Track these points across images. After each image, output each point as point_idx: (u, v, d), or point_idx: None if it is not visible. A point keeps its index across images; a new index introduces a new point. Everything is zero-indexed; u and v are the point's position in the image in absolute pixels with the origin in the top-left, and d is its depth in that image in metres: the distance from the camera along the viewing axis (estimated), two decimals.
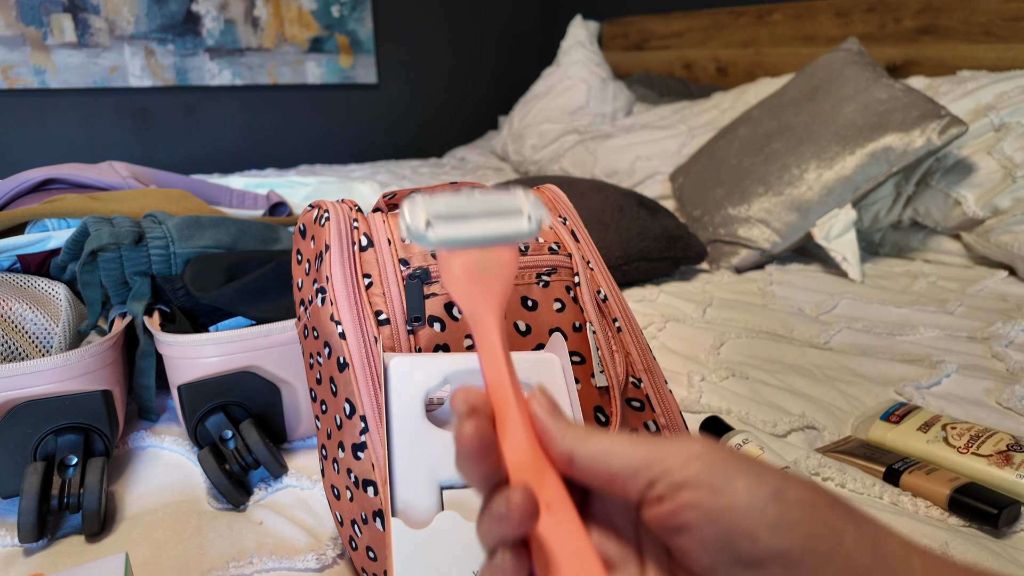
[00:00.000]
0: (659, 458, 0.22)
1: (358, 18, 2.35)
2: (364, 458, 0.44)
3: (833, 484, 0.58)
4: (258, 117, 2.29)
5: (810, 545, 0.20)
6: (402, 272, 0.48)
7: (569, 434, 0.24)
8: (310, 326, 0.51)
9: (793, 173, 1.16)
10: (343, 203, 0.52)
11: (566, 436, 0.24)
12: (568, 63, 2.04)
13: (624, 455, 0.22)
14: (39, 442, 0.54)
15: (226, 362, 0.61)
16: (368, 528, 0.44)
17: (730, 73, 1.90)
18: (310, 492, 0.58)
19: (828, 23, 1.64)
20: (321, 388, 0.50)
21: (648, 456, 0.22)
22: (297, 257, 0.55)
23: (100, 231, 0.65)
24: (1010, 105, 1.15)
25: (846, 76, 1.21)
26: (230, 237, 0.72)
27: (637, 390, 0.52)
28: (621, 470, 0.22)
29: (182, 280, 0.66)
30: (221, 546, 0.51)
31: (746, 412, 0.69)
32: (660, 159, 1.56)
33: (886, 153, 1.10)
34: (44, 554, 0.50)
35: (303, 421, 0.65)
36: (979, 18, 1.36)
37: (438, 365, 0.40)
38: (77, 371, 0.56)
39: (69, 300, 0.66)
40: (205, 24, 2.11)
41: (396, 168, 2.11)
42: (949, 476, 0.55)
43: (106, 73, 2.01)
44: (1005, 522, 0.52)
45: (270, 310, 0.65)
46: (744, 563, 0.20)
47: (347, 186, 1.32)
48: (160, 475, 0.60)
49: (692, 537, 0.21)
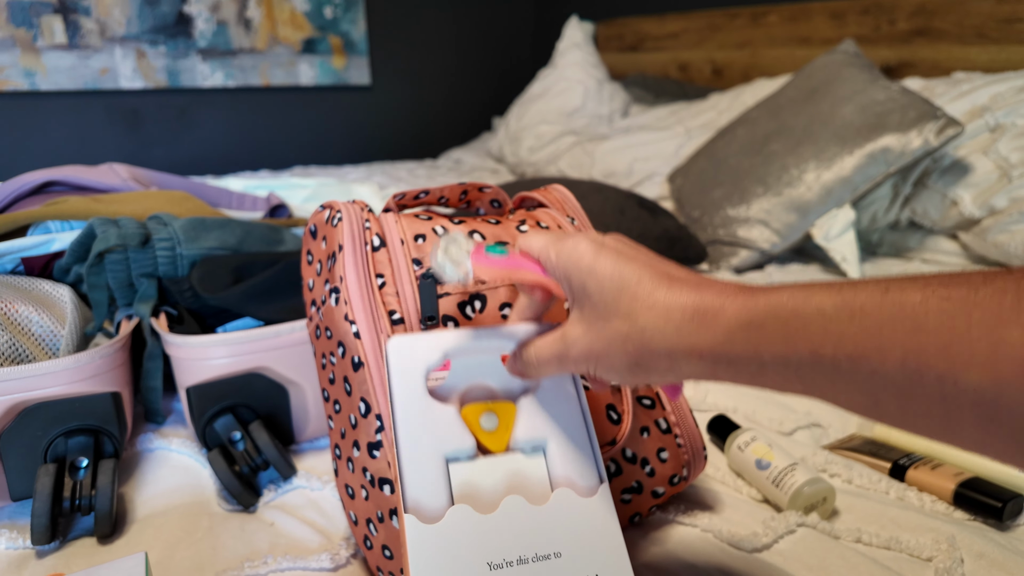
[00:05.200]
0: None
1: (351, 19, 2.35)
2: (380, 456, 0.44)
3: (840, 480, 0.59)
4: (251, 119, 2.28)
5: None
6: (415, 272, 0.48)
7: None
8: (323, 326, 0.51)
9: (792, 174, 1.17)
10: (354, 203, 0.52)
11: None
12: (564, 64, 2.05)
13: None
14: (49, 444, 0.53)
15: (234, 363, 0.61)
16: (384, 526, 0.44)
17: (725, 74, 1.91)
18: (320, 493, 0.58)
19: (823, 25, 1.66)
20: (334, 388, 0.50)
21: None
22: (307, 258, 0.55)
23: (107, 233, 0.64)
24: (1005, 106, 1.16)
25: (844, 77, 1.22)
26: (235, 239, 0.72)
27: (647, 388, 0.53)
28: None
29: (189, 281, 0.66)
30: (234, 547, 0.51)
31: (752, 410, 0.70)
32: (658, 160, 1.57)
33: (884, 154, 1.11)
34: (57, 556, 0.50)
35: (311, 422, 0.65)
36: (972, 20, 1.38)
37: (437, 341, 0.40)
38: (87, 373, 0.55)
39: (74, 302, 0.66)
40: (197, 26, 2.10)
41: (392, 170, 2.10)
42: (954, 471, 0.56)
43: (97, 75, 1.99)
44: (1009, 515, 0.52)
45: (278, 311, 0.65)
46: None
47: (346, 188, 1.32)
48: (169, 477, 0.60)
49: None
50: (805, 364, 0.26)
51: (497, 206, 0.59)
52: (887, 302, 0.24)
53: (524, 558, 0.35)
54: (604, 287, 0.32)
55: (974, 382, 0.22)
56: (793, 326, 0.26)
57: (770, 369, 0.27)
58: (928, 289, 0.23)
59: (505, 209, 0.59)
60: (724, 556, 0.49)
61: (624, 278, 0.32)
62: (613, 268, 0.32)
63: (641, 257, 0.33)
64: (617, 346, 0.32)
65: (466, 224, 0.52)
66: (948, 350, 0.22)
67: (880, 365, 0.24)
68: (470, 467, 0.38)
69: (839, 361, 0.25)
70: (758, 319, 0.27)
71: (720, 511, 0.55)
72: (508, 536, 0.35)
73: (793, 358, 0.26)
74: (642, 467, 0.50)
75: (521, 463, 0.39)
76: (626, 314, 0.31)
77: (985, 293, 0.22)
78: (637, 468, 0.50)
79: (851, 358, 0.24)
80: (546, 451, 0.39)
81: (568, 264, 0.34)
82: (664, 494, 0.52)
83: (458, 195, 0.57)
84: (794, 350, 0.26)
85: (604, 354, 0.32)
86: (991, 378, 0.21)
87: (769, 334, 0.27)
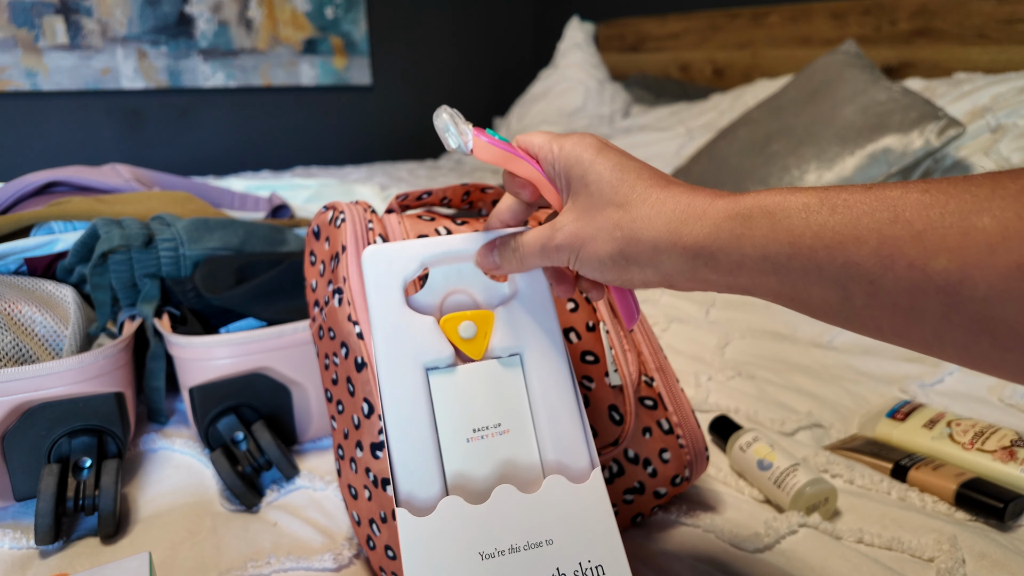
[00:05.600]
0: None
1: (352, 19, 2.35)
2: (383, 456, 0.44)
3: (842, 480, 0.59)
4: (252, 119, 2.29)
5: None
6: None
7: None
8: (326, 327, 0.51)
9: (793, 174, 1.17)
10: (357, 204, 0.52)
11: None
12: (565, 65, 2.05)
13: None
14: (53, 444, 0.54)
15: (237, 364, 0.61)
16: (387, 527, 0.44)
17: (726, 75, 1.91)
18: (323, 493, 0.58)
19: (824, 25, 1.66)
20: (337, 388, 0.50)
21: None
22: (311, 258, 0.55)
23: (111, 233, 0.64)
24: (1006, 107, 1.16)
25: (845, 78, 1.22)
26: (238, 239, 0.72)
27: (650, 388, 0.53)
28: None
29: (192, 282, 0.66)
30: (237, 547, 0.51)
31: (754, 411, 0.70)
32: (659, 160, 1.57)
33: (885, 154, 1.11)
34: (60, 556, 0.50)
35: (314, 422, 0.66)
36: (973, 20, 1.38)
37: (414, 250, 0.40)
38: (91, 373, 0.55)
39: (78, 303, 0.66)
40: (198, 26, 2.11)
41: (392, 170, 2.11)
42: (955, 471, 0.56)
43: (98, 75, 2.00)
44: (1011, 515, 0.53)
45: (281, 311, 0.65)
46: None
47: (347, 188, 1.32)
48: (172, 477, 0.60)
49: None
50: (783, 255, 0.27)
51: None
52: (868, 196, 0.25)
53: (516, 547, 0.35)
54: (603, 178, 0.33)
55: (942, 267, 0.22)
56: (777, 217, 0.27)
57: (748, 263, 0.28)
58: (909, 185, 0.25)
59: None
60: (726, 556, 0.49)
61: (625, 172, 0.33)
62: (616, 162, 0.33)
63: (643, 163, 0.34)
64: (605, 233, 0.33)
65: (468, 225, 0.52)
66: (920, 237, 0.23)
67: (855, 253, 0.25)
68: (450, 379, 0.38)
69: (816, 251, 0.26)
70: (744, 211, 0.28)
71: (722, 511, 0.55)
72: (499, 526, 0.35)
73: (772, 249, 0.27)
74: (644, 467, 0.51)
75: (497, 370, 0.39)
76: (620, 204, 0.32)
77: (963, 187, 0.23)
78: (639, 468, 0.50)
79: (828, 247, 0.25)
80: (523, 358, 0.40)
81: (571, 155, 0.35)
82: (666, 494, 0.52)
83: (461, 196, 0.57)
84: (775, 240, 0.27)
85: (590, 240, 0.33)
86: (958, 264, 0.22)
87: (753, 225, 0.28)
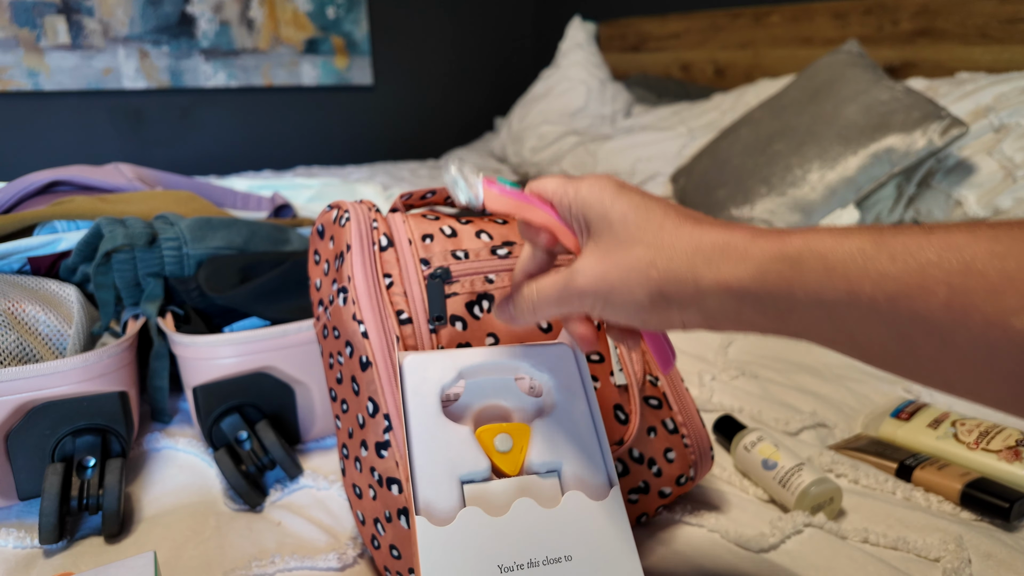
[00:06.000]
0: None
1: (354, 19, 2.35)
2: (388, 456, 0.44)
3: (847, 480, 0.59)
4: (253, 119, 2.29)
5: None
6: (423, 272, 0.48)
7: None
8: (330, 326, 0.51)
9: (796, 174, 1.17)
10: (361, 203, 0.52)
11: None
12: (567, 65, 2.05)
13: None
14: (57, 443, 0.54)
15: (241, 363, 0.61)
16: (392, 526, 0.44)
17: (728, 75, 1.91)
18: (327, 492, 0.58)
19: (825, 25, 1.65)
20: (342, 387, 0.50)
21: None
22: (315, 257, 0.55)
23: (114, 232, 0.64)
24: (1009, 106, 1.16)
25: (847, 78, 1.22)
26: (241, 238, 0.72)
27: (655, 388, 0.53)
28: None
29: (196, 281, 0.66)
30: (241, 546, 0.51)
31: (758, 410, 0.70)
32: (661, 160, 1.57)
33: (888, 154, 1.11)
34: (64, 555, 0.50)
35: (317, 422, 0.65)
36: (975, 20, 1.38)
37: (452, 360, 0.40)
38: (95, 372, 0.55)
39: (81, 302, 0.66)
40: (200, 26, 2.11)
41: (394, 170, 2.11)
42: (960, 471, 0.56)
43: (100, 75, 2.00)
44: (1016, 515, 0.52)
45: (285, 310, 0.65)
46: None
47: (350, 188, 1.32)
48: (176, 476, 0.60)
49: None
50: (840, 303, 0.25)
51: None
52: (932, 242, 0.23)
53: (535, 561, 0.35)
54: (628, 217, 0.31)
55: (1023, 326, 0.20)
56: (830, 262, 0.25)
57: (800, 309, 0.26)
58: (976, 231, 0.22)
59: None
60: (731, 556, 0.49)
61: (650, 211, 0.31)
62: (639, 201, 0.31)
63: (666, 200, 0.32)
64: (638, 274, 0.30)
65: (473, 224, 0.52)
66: (997, 293, 0.21)
67: (922, 306, 0.23)
68: (484, 486, 0.38)
69: (877, 301, 0.24)
70: (792, 253, 0.26)
71: (727, 511, 0.55)
72: (519, 539, 0.35)
73: (828, 296, 0.25)
74: (649, 467, 0.51)
75: (536, 485, 0.38)
76: (650, 242, 0.30)
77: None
78: (644, 468, 0.50)
79: (891, 298, 0.23)
80: (560, 473, 0.39)
81: (589, 197, 0.33)
82: (671, 494, 0.52)
83: None
84: (831, 287, 0.25)
85: (621, 282, 0.31)
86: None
87: (805, 269, 0.26)
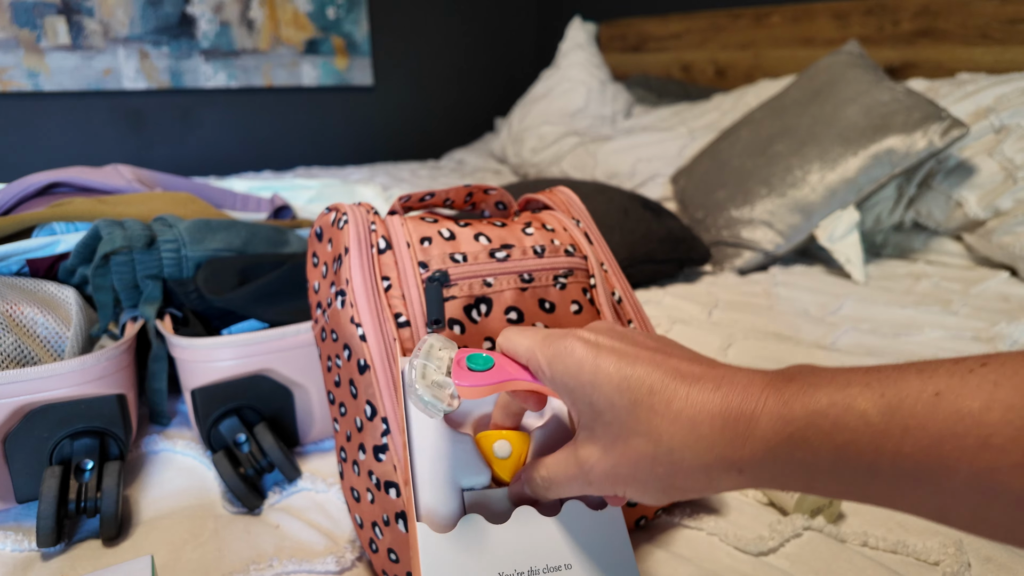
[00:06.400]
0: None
1: (354, 20, 2.35)
2: (386, 460, 0.44)
3: None
4: (254, 120, 2.29)
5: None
6: (421, 275, 0.48)
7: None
8: (328, 328, 0.51)
9: (796, 175, 1.17)
10: (360, 206, 0.52)
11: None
12: (567, 65, 2.05)
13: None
14: (55, 446, 0.53)
15: (240, 365, 0.61)
16: (390, 530, 0.44)
17: (728, 75, 1.91)
18: (325, 495, 0.58)
19: (826, 25, 1.65)
20: (340, 390, 0.50)
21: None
22: (313, 260, 0.55)
23: (112, 234, 0.64)
24: (1010, 107, 1.16)
25: (848, 78, 1.22)
26: (240, 240, 0.72)
27: None
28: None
29: (194, 283, 0.66)
30: (239, 549, 0.51)
31: None
32: (661, 161, 1.57)
33: (889, 155, 1.11)
34: (62, 558, 0.50)
35: (316, 424, 0.65)
36: (976, 21, 1.38)
37: None
38: (92, 375, 0.55)
39: (79, 304, 0.66)
40: (200, 26, 2.11)
41: (394, 170, 2.10)
42: None
43: (100, 76, 2.00)
44: None
45: (284, 313, 0.65)
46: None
47: (350, 189, 1.32)
48: (174, 479, 0.60)
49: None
50: (861, 477, 0.23)
51: (502, 208, 0.59)
52: (941, 411, 0.21)
53: (535, 569, 0.35)
54: (614, 402, 0.29)
55: None
56: (839, 441, 0.23)
57: (818, 486, 0.25)
58: (985, 389, 0.21)
59: (510, 211, 0.59)
60: (730, 559, 0.49)
61: (633, 388, 0.29)
62: (619, 375, 0.29)
63: (643, 353, 0.30)
64: (644, 472, 0.29)
65: (472, 227, 0.52)
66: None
67: (947, 481, 0.21)
68: (485, 493, 0.38)
69: (899, 477, 0.23)
70: (799, 433, 0.25)
71: (726, 514, 0.55)
72: (519, 547, 0.35)
73: (847, 473, 0.24)
74: None
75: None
76: (646, 432, 0.28)
77: None
78: None
79: (912, 475, 0.22)
80: None
81: (566, 377, 0.31)
82: None
83: (463, 197, 0.57)
84: (847, 465, 0.24)
85: (630, 479, 0.29)
86: None
87: (815, 450, 0.24)
